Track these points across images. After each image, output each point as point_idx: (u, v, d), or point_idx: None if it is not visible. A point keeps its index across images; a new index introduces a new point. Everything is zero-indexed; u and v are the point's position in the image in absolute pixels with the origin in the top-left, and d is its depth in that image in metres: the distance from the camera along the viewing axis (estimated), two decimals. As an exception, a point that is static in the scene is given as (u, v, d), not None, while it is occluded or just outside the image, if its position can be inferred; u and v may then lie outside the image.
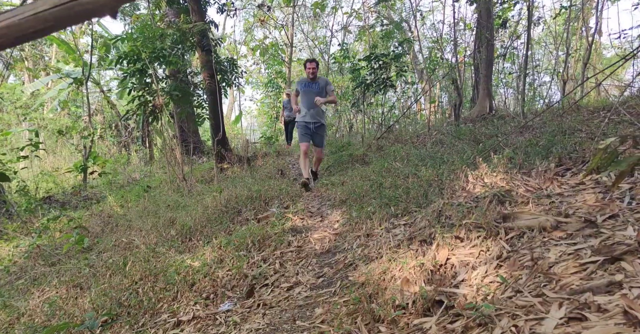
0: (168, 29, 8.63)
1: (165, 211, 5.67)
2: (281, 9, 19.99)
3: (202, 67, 9.03)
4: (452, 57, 9.07)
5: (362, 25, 19.83)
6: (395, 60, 9.26)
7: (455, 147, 4.46)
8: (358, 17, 20.70)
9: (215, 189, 6.47)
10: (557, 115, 4.55)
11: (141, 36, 7.18)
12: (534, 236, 1.89)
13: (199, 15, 9.04)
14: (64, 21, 0.47)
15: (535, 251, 1.72)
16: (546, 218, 1.92)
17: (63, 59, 17.06)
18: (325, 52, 19.93)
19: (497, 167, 2.93)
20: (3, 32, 0.44)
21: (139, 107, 7.66)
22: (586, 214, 1.92)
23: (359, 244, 2.94)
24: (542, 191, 2.47)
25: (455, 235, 2.22)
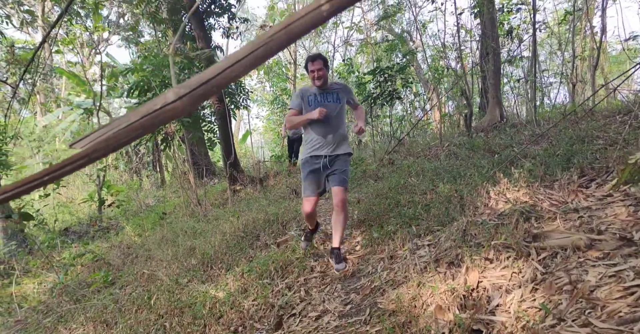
0: (176, 56, 8.80)
1: (183, 239, 5.68)
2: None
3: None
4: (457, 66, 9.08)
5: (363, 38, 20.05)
6: (400, 72, 9.32)
7: (471, 159, 4.43)
8: (359, 30, 20.94)
9: (231, 213, 6.49)
10: (572, 121, 4.50)
11: (150, 66, 7.33)
12: (568, 256, 1.84)
13: (204, 42, 9.23)
14: (149, 128, 0.51)
15: (572, 273, 1.68)
16: (579, 237, 1.87)
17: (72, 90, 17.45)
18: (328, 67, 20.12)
19: (519, 182, 2.89)
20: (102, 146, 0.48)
21: (151, 135, 7.77)
22: (620, 231, 1.87)
23: (384, 267, 2.91)
24: (568, 204, 2.43)
25: (484, 256, 2.18)
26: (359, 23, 20.57)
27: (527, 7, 8.54)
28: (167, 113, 0.53)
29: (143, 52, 13.18)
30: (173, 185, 15.93)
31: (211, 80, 0.55)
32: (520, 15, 8.97)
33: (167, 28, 10.91)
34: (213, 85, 0.55)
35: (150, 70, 7.48)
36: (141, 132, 0.53)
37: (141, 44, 17.37)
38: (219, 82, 0.55)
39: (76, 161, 0.52)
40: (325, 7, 0.56)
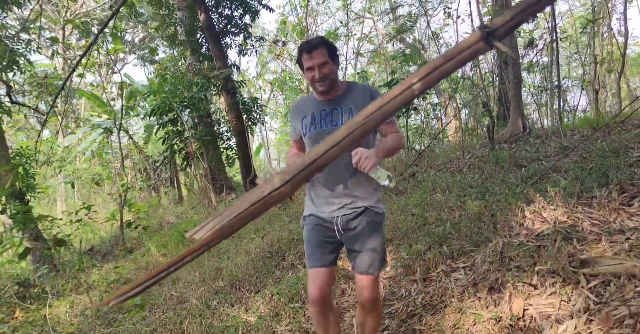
0: (195, 76, 8.97)
1: (207, 258, 5.71)
2: (295, 42, 20.56)
3: (228, 110, 9.30)
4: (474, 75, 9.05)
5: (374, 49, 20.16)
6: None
7: (498, 174, 4.37)
8: (370, 41, 21.07)
9: (253, 231, 6.50)
10: (602, 132, 4.42)
11: (171, 88, 7.48)
12: (623, 284, 1.78)
13: (222, 61, 9.39)
14: (258, 213, 0.54)
15: (631, 304, 1.63)
16: (634, 264, 1.82)
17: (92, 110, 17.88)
18: None
19: (555, 199, 2.84)
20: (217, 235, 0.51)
21: (172, 155, 7.90)
22: (675, 257, 1.82)
23: (418, 291, 2.87)
24: (611, 224, 2.37)
25: (528, 282, 2.13)
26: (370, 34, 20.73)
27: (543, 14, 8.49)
28: (274, 198, 0.55)
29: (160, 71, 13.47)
30: (192, 201, 16.10)
31: (312, 163, 0.56)
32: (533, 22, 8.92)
33: (185, 49, 11.15)
34: (314, 168, 0.56)
35: (170, 91, 7.63)
36: (250, 218, 0.55)
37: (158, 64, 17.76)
38: (319, 163, 0.57)
39: (196, 251, 0.54)
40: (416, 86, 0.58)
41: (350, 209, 1.95)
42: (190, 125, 8.35)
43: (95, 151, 16.27)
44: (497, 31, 0.53)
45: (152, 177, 18.50)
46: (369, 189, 1.97)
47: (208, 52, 10.30)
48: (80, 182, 17.11)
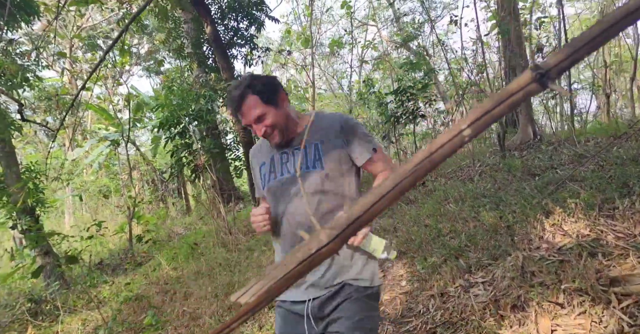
0: (202, 89, 9.00)
1: (219, 271, 5.68)
2: (300, 50, 20.67)
3: (236, 121, 9.32)
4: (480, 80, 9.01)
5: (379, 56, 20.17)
6: (423, 91, 9.30)
7: (511, 183, 4.30)
8: (374, 48, 21.11)
9: (262, 243, 6.46)
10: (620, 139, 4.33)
11: (179, 101, 7.51)
12: None
13: (228, 72, 9.44)
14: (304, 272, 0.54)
15: None
16: None
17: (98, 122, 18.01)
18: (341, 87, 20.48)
19: (575, 211, 2.77)
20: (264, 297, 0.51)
21: (181, 167, 7.91)
22: None
23: (436, 307, 2.80)
24: (637, 238, 2.31)
25: (553, 300, 2.07)
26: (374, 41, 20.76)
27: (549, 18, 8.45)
28: (321, 255, 0.53)
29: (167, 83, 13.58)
30: (199, 211, 16.11)
31: (359, 218, 0.53)
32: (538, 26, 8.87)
33: (192, 62, 11.23)
34: (361, 222, 0.54)
35: (177, 104, 7.66)
36: (297, 277, 0.53)
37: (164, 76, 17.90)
38: (367, 218, 0.54)
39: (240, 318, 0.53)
40: (466, 132, 0.55)
41: (326, 286, 1.40)
42: (198, 137, 8.37)
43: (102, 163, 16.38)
44: (550, 71, 0.49)
45: (159, 188, 18.57)
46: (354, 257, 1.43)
47: (214, 64, 10.37)
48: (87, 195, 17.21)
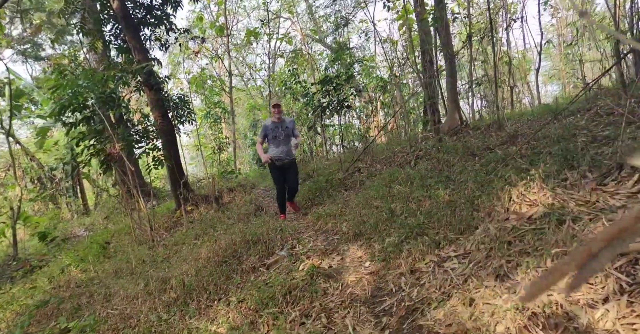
0: (109, 70, 7.99)
1: (144, 269, 5.08)
2: (215, 39, 19.69)
3: (152, 107, 8.49)
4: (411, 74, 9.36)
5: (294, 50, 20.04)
6: (348, 82, 9.38)
7: (453, 164, 4.46)
8: (289, 41, 20.92)
9: (193, 236, 5.96)
10: (542, 121, 4.72)
11: (88, 82, 6.56)
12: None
13: (142, 54, 8.53)
14: None
15: None
16: None
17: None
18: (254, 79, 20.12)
19: (534, 183, 2.91)
20: None
21: (90, 158, 6.95)
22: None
23: (410, 284, 2.74)
24: (596, 204, 2.46)
25: (538, 266, 2.10)
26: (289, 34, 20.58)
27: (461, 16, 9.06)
28: None
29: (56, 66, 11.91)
30: (104, 209, 14.54)
31: None
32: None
33: (96, 40, 9.96)
34: None
35: (86, 86, 6.69)
36: None
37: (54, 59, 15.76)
38: None
39: None
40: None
41: None
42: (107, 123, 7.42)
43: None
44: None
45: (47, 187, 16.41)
46: None
47: (125, 44, 9.30)
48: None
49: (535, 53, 19.34)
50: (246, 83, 22.37)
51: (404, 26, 10.56)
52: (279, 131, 5.38)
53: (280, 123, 5.41)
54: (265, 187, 9.08)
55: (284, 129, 5.39)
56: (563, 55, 14.24)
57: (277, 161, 5.36)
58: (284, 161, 5.38)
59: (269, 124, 5.45)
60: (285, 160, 5.38)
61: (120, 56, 9.37)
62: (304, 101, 10.69)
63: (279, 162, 5.37)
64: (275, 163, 5.37)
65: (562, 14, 16.81)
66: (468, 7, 8.39)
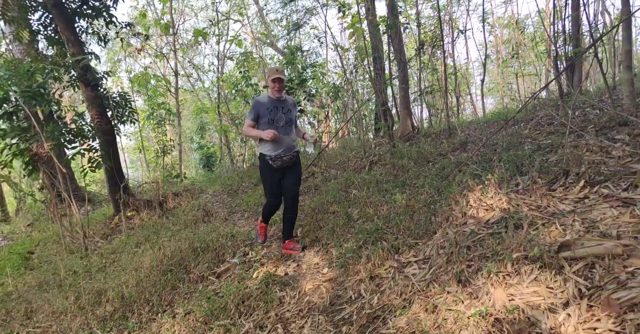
0: (39, 62, 7.30)
1: (75, 281, 4.62)
2: (160, 36, 18.85)
3: (89, 105, 7.86)
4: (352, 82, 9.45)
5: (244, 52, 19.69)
6: (301, 86, 9.32)
7: (412, 169, 4.50)
8: (239, 44, 20.52)
9: (134, 244, 5.54)
10: (491, 129, 4.91)
11: (11, 74, 5.92)
12: (610, 266, 1.82)
13: (77, 47, 7.89)
14: None
15: (632, 286, 1.63)
16: (614, 244, 1.89)
17: None
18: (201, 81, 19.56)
19: (489, 188, 2.96)
20: None
21: (12, 158, 6.26)
22: (638, 233, 1.96)
23: (370, 291, 2.66)
24: (547, 209, 2.54)
25: (499, 271, 2.10)
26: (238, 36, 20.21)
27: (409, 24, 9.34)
28: None
29: None
30: (27, 216, 13.29)
31: None
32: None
33: (21, 29, 9.08)
34: None
35: (7, 78, 6.03)
36: None
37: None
38: None
39: None
40: None
41: None
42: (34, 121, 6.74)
43: None
44: None
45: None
46: None
47: (56, 35, 8.55)
48: None
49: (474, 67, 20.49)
50: (193, 85, 21.67)
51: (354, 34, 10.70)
52: (278, 113, 3.59)
53: (281, 103, 3.63)
54: (214, 191, 8.72)
55: (285, 112, 3.63)
56: (501, 69, 15.18)
57: (275, 160, 3.59)
58: (284, 158, 3.61)
59: (264, 100, 3.61)
60: (285, 158, 3.62)
61: (52, 48, 8.61)
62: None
63: (278, 161, 3.60)
64: (271, 163, 3.62)
65: (498, 32, 17.98)
66: (418, 18, 8.67)
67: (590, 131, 3.56)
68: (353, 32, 10.68)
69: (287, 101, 3.69)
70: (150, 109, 18.37)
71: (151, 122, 17.41)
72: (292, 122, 3.72)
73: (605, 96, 4.63)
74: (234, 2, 19.95)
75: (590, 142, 3.26)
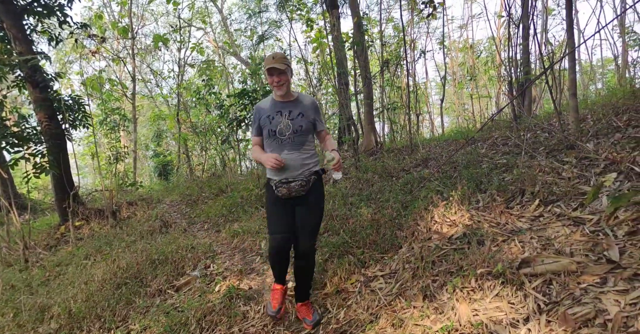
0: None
1: (12, 296, 4.27)
2: (117, 39, 18.21)
3: (36, 107, 7.41)
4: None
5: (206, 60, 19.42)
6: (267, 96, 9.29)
7: (376, 183, 4.58)
8: (200, 51, 20.21)
9: (83, 256, 5.22)
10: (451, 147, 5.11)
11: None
12: (565, 282, 1.92)
13: (25, 45, 7.46)
14: None
15: (585, 302, 1.73)
16: (569, 261, 2.01)
17: None
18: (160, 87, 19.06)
19: (452, 204, 3.07)
20: None
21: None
22: (588, 251, 2.10)
23: (337, 305, 2.67)
24: (506, 226, 2.67)
25: (463, 286, 2.17)
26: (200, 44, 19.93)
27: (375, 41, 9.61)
28: None
29: None
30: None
31: None
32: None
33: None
34: None
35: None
36: None
37: None
38: None
39: None
40: None
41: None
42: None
43: None
44: None
45: None
46: None
47: (1, 31, 8.04)
48: None
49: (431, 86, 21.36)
50: (150, 91, 21.01)
51: (318, 49, 10.87)
52: (282, 120, 2.52)
53: (288, 105, 2.55)
54: (171, 201, 8.43)
55: (293, 118, 2.52)
56: (457, 90, 15.94)
57: (279, 186, 2.50)
58: (292, 185, 2.48)
59: (265, 105, 2.60)
60: (294, 184, 2.49)
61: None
62: (219, 113, 10.31)
63: (282, 189, 2.49)
64: (275, 191, 2.53)
65: (454, 55, 18.91)
66: (381, 36, 8.96)
67: (541, 153, 3.80)
68: (317, 47, 10.87)
69: (299, 102, 2.55)
70: (103, 113, 17.57)
71: (104, 127, 16.63)
72: (305, 132, 2.53)
73: (554, 120, 4.97)
74: (196, 9, 19.69)
75: (542, 163, 3.48)
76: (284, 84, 2.46)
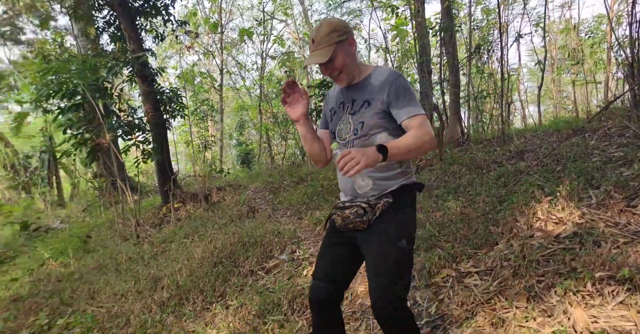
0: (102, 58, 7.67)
1: (129, 266, 4.83)
2: (208, 35, 19.40)
3: (144, 99, 8.21)
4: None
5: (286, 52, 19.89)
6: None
7: (460, 176, 4.39)
8: (281, 43, 20.75)
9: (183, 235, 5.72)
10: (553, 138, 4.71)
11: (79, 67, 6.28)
12: None
13: (136, 43, 8.25)
14: None
15: None
16: None
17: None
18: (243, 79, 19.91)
19: (558, 200, 2.84)
20: None
21: (77, 147, 6.64)
22: None
23: (427, 298, 2.62)
24: (627, 226, 2.40)
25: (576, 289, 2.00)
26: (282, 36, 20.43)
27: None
28: None
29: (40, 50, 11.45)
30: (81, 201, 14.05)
31: None
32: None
33: (89, 26, 9.62)
34: None
35: (78, 70, 6.40)
36: None
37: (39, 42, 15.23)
38: None
39: None
40: None
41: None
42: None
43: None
44: None
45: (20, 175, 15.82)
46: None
47: (119, 32, 9.00)
48: None
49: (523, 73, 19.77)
50: (235, 82, 22.10)
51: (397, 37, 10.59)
52: (343, 115, 1.67)
53: (352, 92, 1.65)
54: (255, 188, 8.87)
55: (355, 111, 1.62)
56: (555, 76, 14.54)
57: (335, 213, 1.70)
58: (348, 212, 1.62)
59: (333, 93, 1.79)
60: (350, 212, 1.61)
61: (113, 44, 9.06)
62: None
63: (337, 217, 1.67)
64: (333, 219, 1.73)
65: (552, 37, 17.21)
66: (470, 20, 8.46)
67: (668, 145, 3.34)
68: (397, 34, 10.57)
69: (367, 83, 1.63)
70: (194, 105, 18.96)
71: (195, 117, 17.94)
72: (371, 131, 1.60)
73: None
74: (279, 1, 20.19)
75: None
76: (342, 71, 1.59)
